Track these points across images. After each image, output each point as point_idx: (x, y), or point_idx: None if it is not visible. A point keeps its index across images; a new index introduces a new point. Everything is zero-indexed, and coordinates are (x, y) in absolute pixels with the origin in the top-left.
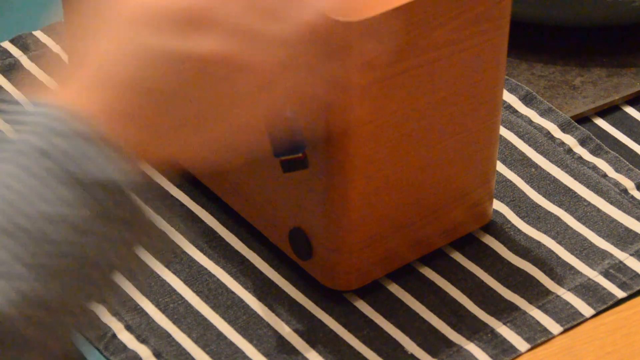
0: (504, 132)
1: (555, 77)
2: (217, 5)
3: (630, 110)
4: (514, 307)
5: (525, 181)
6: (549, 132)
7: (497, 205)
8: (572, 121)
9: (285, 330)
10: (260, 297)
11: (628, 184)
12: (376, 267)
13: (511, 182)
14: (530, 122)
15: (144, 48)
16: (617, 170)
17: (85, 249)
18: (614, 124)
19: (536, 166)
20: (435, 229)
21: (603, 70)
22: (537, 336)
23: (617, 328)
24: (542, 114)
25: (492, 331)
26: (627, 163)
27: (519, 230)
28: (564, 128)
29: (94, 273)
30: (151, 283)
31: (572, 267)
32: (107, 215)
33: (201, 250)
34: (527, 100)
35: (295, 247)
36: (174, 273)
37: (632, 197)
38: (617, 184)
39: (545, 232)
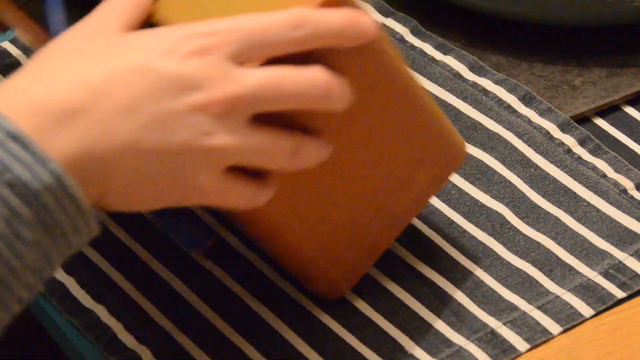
0: (503, 132)
1: (555, 77)
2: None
3: (630, 110)
4: (513, 307)
5: (524, 181)
6: (548, 132)
7: (497, 205)
8: (572, 121)
9: (285, 330)
10: (261, 297)
11: (627, 184)
12: (361, 264)
13: (510, 182)
14: (529, 122)
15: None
16: (616, 171)
17: None
18: (614, 124)
19: (535, 166)
20: (404, 203)
21: (603, 70)
22: (537, 336)
23: (617, 328)
24: (542, 114)
25: (492, 331)
26: (627, 163)
27: (518, 230)
28: (563, 128)
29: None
30: (151, 283)
31: (571, 268)
32: (19, 219)
33: None
34: (526, 100)
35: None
36: (174, 273)
37: (632, 197)
38: (616, 184)
39: (544, 233)
